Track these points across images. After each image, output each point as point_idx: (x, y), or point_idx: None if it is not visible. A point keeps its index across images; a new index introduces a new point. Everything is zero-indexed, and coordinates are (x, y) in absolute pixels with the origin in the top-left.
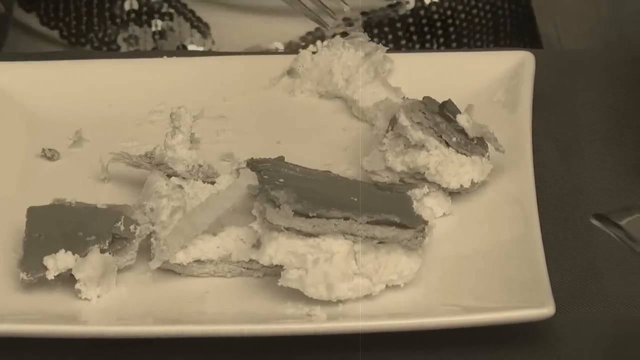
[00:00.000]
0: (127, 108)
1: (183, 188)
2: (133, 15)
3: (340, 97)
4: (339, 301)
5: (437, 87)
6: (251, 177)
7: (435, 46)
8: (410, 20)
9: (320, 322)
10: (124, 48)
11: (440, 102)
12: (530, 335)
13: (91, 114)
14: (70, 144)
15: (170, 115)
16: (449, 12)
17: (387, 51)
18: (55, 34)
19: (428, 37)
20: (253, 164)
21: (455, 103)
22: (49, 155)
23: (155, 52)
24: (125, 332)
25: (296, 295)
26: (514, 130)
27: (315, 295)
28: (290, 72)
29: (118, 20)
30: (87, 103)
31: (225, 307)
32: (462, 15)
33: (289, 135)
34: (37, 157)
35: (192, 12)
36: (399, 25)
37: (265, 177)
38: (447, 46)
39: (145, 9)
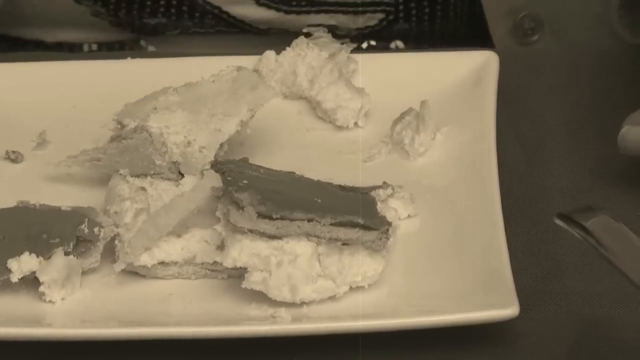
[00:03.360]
0: (91, 110)
1: (146, 190)
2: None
3: (304, 98)
4: (303, 303)
5: (401, 87)
6: (215, 178)
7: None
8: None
9: (284, 324)
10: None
11: None
12: (495, 335)
13: (55, 116)
14: (33, 145)
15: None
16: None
17: (351, 51)
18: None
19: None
20: (217, 166)
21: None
22: (13, 157)
23: (119, 54)
24: (90, 335)
25: (260, 297)
26: (479, 130)
27: (279, 297)
28: (255, 72)
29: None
30: (51, 104)
31: (189, 309)
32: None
33: (253, 137)
34: (0, 160)
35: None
36: None
37: (229, 178)
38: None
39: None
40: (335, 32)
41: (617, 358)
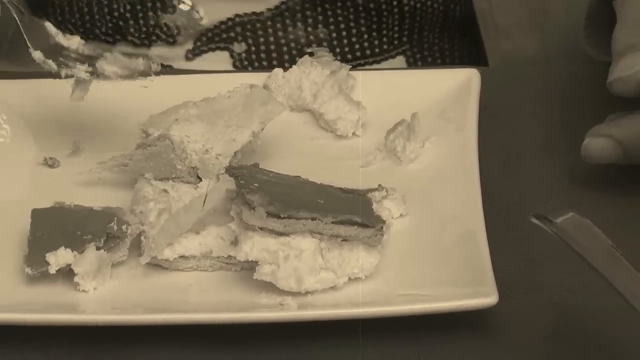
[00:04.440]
0: (119, 121)
1: (168, 192)
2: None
3: (308, 110)
4: (308, 292)
5: (394, 101)
6: (229, 182)
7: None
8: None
9: (291, 311)
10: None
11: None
12: (477, 320)
13: (87, 127)
14: (68, 153)
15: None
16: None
17: (350, 69)
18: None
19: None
20: (231, 171)
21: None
22: (50, 163)
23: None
24: (118, 321)
25: (270, 287)
26: (462, 142)
27: (286, 287)
28: (265, 88)
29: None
30: (84, 117)
31: (206, 298)
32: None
33: (263, 145)
34: (39, 165)
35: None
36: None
37: (242, 182)
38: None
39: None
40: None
41: (587, 342)
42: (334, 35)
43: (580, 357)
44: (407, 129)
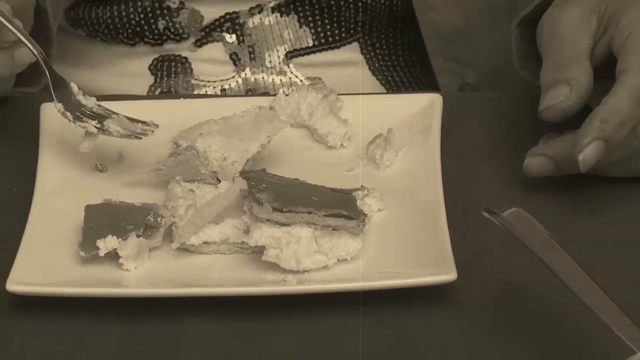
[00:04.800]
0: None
1: (194, 191)
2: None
3: (305, 127)
4: (305, 271)
5: (373, 119)
6: (242, 183)
7: None
8: None
9: (291, 286)
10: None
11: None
12: (440, 292)
13: (130, 140)
14: (115, 160)
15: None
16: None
17: (339, 94)
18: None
19: None
20: (244, 174)
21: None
22: (100, 168)
23: (175, 95)
24: (154, 293)
25: (274, 266)
26: (427, 151)
27: (288, 266)
28: (270, 109)
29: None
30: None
31: (224, 275)
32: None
33: (270, 154)
34: (93, 170)
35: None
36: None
37: (252, 183)
38: None
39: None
40: None
41: (527, 310)
42: (304, 26)
43: (520, 323)
44: (384, 141)
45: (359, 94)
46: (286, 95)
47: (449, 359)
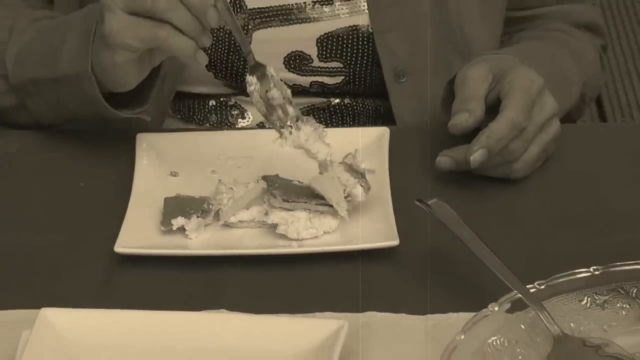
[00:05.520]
0: (201, 158)
1: (232, 189)
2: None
3: (303, 148)
4: (303, 239)
5: (344, 144)
6: (263, 183)
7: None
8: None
9: (294, 248)
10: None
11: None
12: (387, 254)
13: (189, 157)
14: (182, 169)
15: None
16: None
17: (324, 127)
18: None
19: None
20: (264, 177)
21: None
22: (174, 174)
23: (218, 128)
24: (209, 253)
25: (284, 237)
26: (380, 160)
27: (292, 236)
28: (280, 137)
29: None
30: (187, 146)
31: (252, 242)
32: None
33: (282, 166)
34: (169, 175)
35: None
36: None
37: (269, 183)
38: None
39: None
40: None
41: (448, 271)
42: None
43: (442, 274)
44: (352, 157)
45: (336, 127)
46: (291, 128)
47: (395, 296)
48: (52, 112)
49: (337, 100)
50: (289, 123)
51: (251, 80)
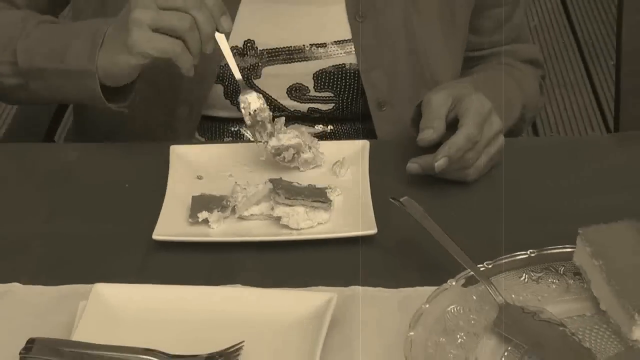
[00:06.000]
0: (221, 165)
1: (245, 189)
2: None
3: (278, 153)
4: (302, 229)
5: (333, 153)
6: (270, 184)
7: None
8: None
9: (295, 236)
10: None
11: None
12: (368, 240)
13: (211, 162)
14: (205, 173)
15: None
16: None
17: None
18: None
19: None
20: (271, 180)
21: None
22: (199, 177)
23: (227, 142)
24: (228, 240)
25: (286, 227)
26: (362, 168)
27: (293, 226)
28: (255, 142)
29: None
30: (203, 163)
31: (261, 230)
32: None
33: (286, 169)
34: (195, 178)
35: None
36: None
37: (275, 184)
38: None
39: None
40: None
41: (417, 253)
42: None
43: (412, 257)
44: (339, 164)
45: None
46: (266, 142)
47: (374, 274)
48: (50, 95)
49: (331, 127)
50: (264, 137)
51: (243, 99)
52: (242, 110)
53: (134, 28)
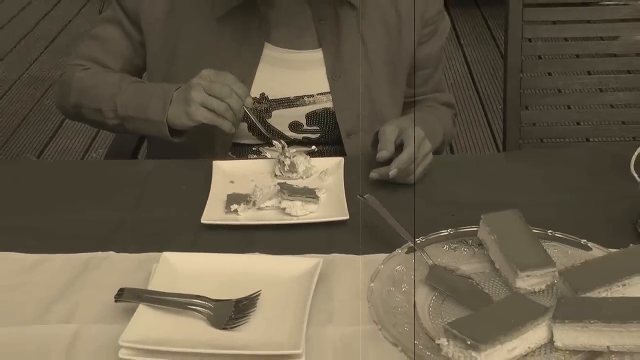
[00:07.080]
0: (247, 173)
1: (262, 189)
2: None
3: (290, 173)
4: (299, 215)
5: (323, 164)
6: (279, 186)
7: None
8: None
9: (295, 220)
10: None
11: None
12: (343, 224)
13: (242, 170)
14: (235, 179)
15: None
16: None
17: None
18: None
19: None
20: (279, 183)
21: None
22: (232, 182)
23: (250, 159)
24: (250, 224)
25: (289, 214)
26: (338, 180)
27: (294, 214)
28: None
29: None
30: (237, 170)
31: (272, 217)
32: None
33: (287, 178)
34: (229, 182)
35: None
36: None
37: (282, 186)
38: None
39: None
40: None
41: (378, 234)
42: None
43: (374, 236)
44: (324, 173)
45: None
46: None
47: (347, 246)
48: (135, 130)
49: (317, 148)
50: (286, 164)
51: (277, 144)
52: (278, 149)
53: (191, 104)
